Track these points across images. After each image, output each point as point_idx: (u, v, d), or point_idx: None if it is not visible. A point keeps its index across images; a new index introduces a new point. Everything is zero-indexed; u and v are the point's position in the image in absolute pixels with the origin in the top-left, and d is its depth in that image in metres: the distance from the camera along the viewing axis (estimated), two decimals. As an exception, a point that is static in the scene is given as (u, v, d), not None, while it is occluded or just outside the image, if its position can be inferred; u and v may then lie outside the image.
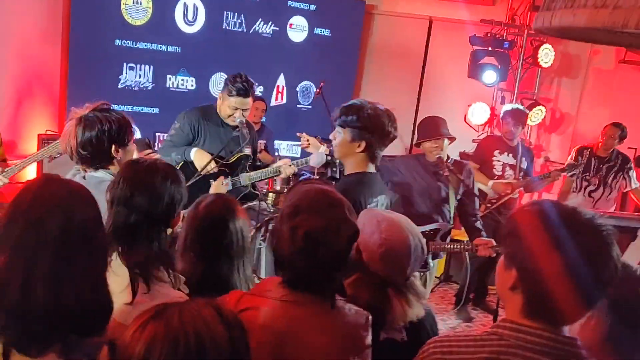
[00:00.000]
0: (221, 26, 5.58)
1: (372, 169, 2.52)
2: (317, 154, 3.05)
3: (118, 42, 5.08)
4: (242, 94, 3.43)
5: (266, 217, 4.19)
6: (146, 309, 1.10)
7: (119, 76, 5.15)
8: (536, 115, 6.18)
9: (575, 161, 5.14)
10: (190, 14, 5.39)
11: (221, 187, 3.27)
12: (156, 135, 5.34)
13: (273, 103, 6.01)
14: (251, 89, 3.49)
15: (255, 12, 5.72)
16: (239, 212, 1.97)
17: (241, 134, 3.51)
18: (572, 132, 6.61)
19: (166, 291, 1.62)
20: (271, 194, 4.36)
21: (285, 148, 6.14)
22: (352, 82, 6.40)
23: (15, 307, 1.16)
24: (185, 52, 5.43)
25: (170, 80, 5.44)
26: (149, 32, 5.20)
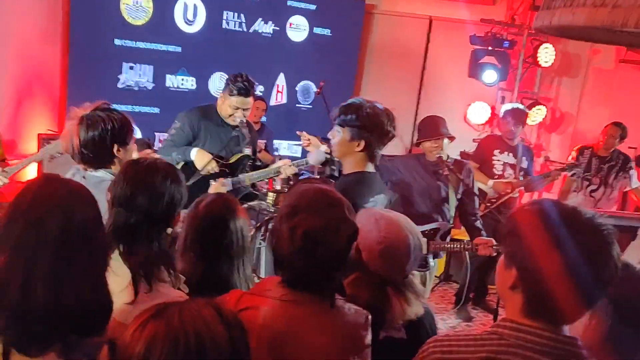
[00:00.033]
0: (221, 26, 5.58)
1: (370, 168, 2.51)
2: (316, 152, 3.05)
3: (118, 42, 5.08)
4: (243, 93, 3.43)
5: (266, 217, 4.20)
6: (146, 308, 1.11)
7: (118, 76, 5.15)
8: (536, 114, 6.17)
9: (576, 161, 5.14)
10: (190, 13, 5.39)
11: (221, 187, 3.27)
12: (156, 135, 5.34)
13: (273, 103, 6.01)
14: (252, 88, 3.49)
15: (255, 11, 5.72)
16: (239, 212, 1.97)
17: (241, 133, 3.52)
18: (572, 132, 6.61)
19: (166, 291, 1.62)
20: (271, 193, 4.36)
21: (285, 148, 6.14)
22: (352, 82, 6.39)
23: (15, 307, 1.16)
24: (185, 51, 5.42)
25: (170, 80, 5.44)
26: (148, 32, 5.20)
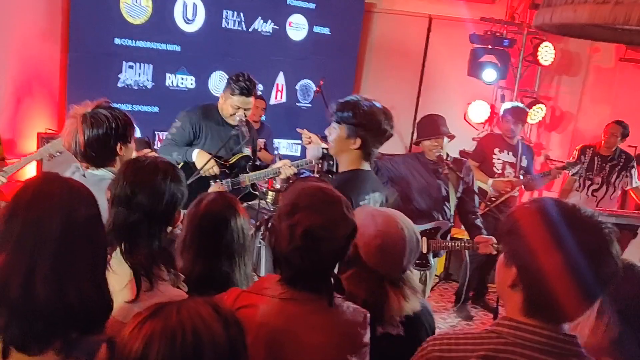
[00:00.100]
0: (221, 25, 5.57)
1: (366, 166, 2.50)
2: (314, 147, 3.05)
3: (117, 41, 5.06)
4: (244, 93, 3.43)
5: (266, 216, 4.19)
6: (145, 307, 1.11)
7: (118, 75, 5.14)
8: (536, 113, 6.17)
9: (578, 160, 5.13)
10: (189, 12, 5.38)
11: (221, 188, 3.27)
12: (156, 134, 5.33)
13: (272, 101, 6.00)
14: (254, 88, 3.48)
15: (254, 10, 5.71)
16: (239, 210, 1.97)
17: (240, 132, 3.51)
18: (572, 130, 6.60)
19: (166, 289, 1.62)
20: (271, 192, 4.36)
21: (284, 146, 6.13)
22: (351, 81, 6.38)
23: (15, 305, 1.16)
24: (184, 50, 5.41)
25: (169, 79, 5.43)
26: (148, 31, 5.19)
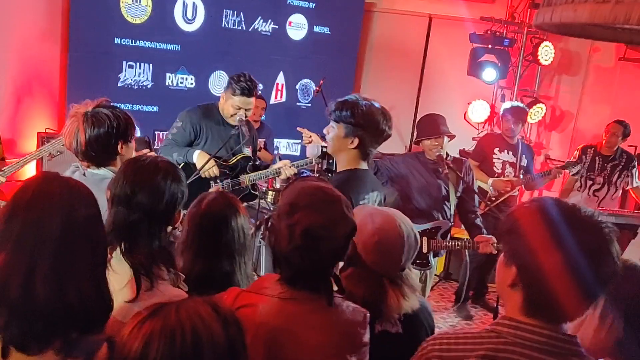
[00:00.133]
0: (220, 24, 5.57)
1: (364, 165, 2.51)
2: (314, 146, 3.05)
3: (117, 41, 5.06)
4: (246, 93, 3.42)
5: (266, 215, 4.19)
6: (145, 306, 1.11)
7: (118, 74, 5.14)
8: (536, 112, 6.17)
9: (579, 160, 5.12)
10: (189, 12, 5.38)
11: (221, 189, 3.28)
12: (156, 133, 5.33)
13: (272, 101, 6.00)
14: (255, 88, 3.48)
15: (254, 10, 5.71)
16: (240, 210, 1.97)
17: (241, 131, 3.51)
18: (572, 130, 6.60)
19: (166, 289, 1.62)
20: (271, 192, 4.36)
21: (284, 146, 6.13)
22: (351, 80, 6.38)
23: (15, 304, 1.16)
24: (184, 50, 5.41)
25: (169, 78, 5.43)
26: (148, 31, 5.18)
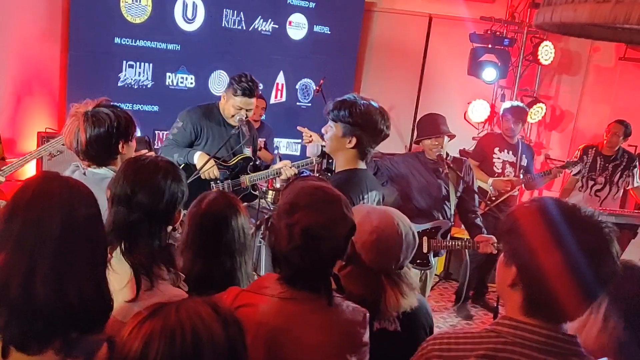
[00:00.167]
0: (221, 24, 5.57)
1: (362, 165, 2.51)
2: (314, 145, 3.05)
3: (117, 40, 5.06)
4: (247, 94, 3.42)
5: (266, 215, 4.19)
6: (145, 306, 1.10)
7: (118, 74, 5.13)
8: (536, 112, 6.17)
9: (580, 160, 5.11)
10: (189, 11, 5.38)
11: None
12: (156, 133, 5.33)
13: (272, 101, 6.00)
14: (256, 89, 3.48)
15: (254, 9, 5.71)
16: (241, 209, 1.98)
17: (241, 131, 3.51)
18: (572, 130, 6.60)
19: (166, 288, 1.62)
20: (271, 191, 4.35)
21: (284, 146, 6.13)
22: (351, 80, 6.38)
23: (15, 304, 1.16)
24: (184, 50, 5.41)
25: (169, 78, 5.43)
26: (148, 30, 5.18)
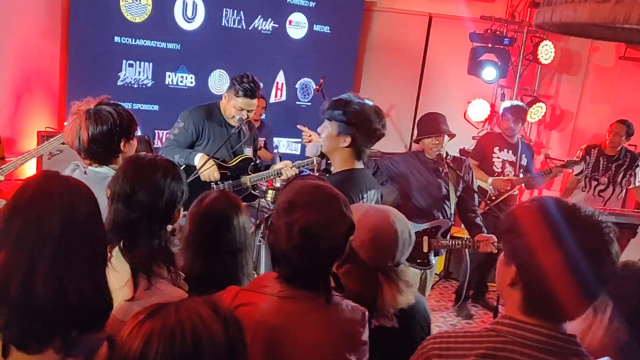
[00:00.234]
0: (220, 23, 5.56)
1: (359, 165, 2.52)
2: (313, 145, 3.06)
3: (117, 39, 5.06)
4: (249, 95, 3.42)
5: (266, 214, 4.19)
6: (145, 306, 1.11)
7: (118, 73, 5.13)
8: (536, 112, 6.16)
9: (583, 160, 5.10)
10: (189, 10, 5.38)
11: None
12: (156, 132, 5.34)
13: (272, 100, 6.00)
14: (258, 90, 3.47)
15: (254, 8, 5.71)
16: (242, 208, 1.98)
17: (241, 130, 3.51)
18: (572, 129, 6.60)
19: (165, 288, 1.62)
20: (271, 191, 4.35)
21: (284, 145, 6.14)
22: (351, 79, 6.38)
23: (16, 303, 1.16)
24: (184, 49, 5.41)
25: (169, 77, 5.43)
26: (148, 29, 5.18)
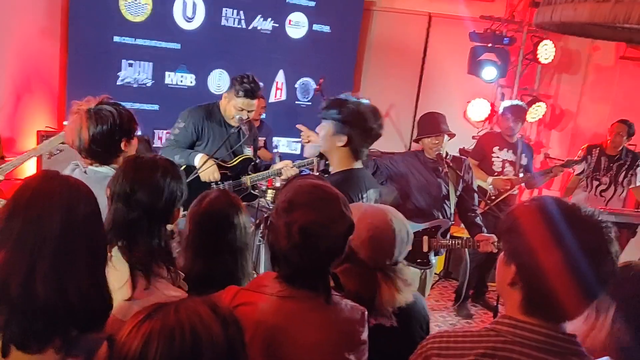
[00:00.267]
0: (220, 23, 5.56)
1: (357, 165, 2.52)
2: (311, 145, 3.06)
3: (117, 39, 5.06)
4: (249, 95, 3.42)
5: (265, 214, 4.19)
6: (144, 305, 1.11)
7: (118, 73, 5.13)
8: (536, 111, 6.16)
9: (584, 160, 5.09)
10: (189, 10, 5.38)
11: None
12: (155, 132, 5.33)
13: (272, 100, 6.00)
14: (258, 90, 3.47)
15: (254, 8, 5.70)
16: (242, 208, 1.98)
17: (241, 130, 3.51)
18: (572, 129, 6.60)
19: (164, 287, 1.62)
20: (270, 190, 4.35)
21: (284, 144, 6.13)
22: (351, 79, 6.37)
23: (16, 303, 1.16)
24: (184, 48, 5.41)
25: (169, 77, 5.43)
26: (148, 29, 5.18)
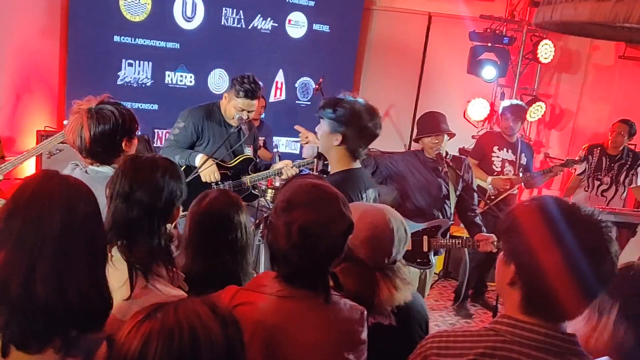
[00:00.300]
0: (220, 22, 5.57)
1: (356, 164, 2.53)
2: (309, 145, 3.06)
3: (117, 39, 5.06)
4: (249, 96, 3.41)
5: (265, 214, 4.19)
6: (143, 305, 1.11)
7: (117, 72, 5.14)
8: (536, 111, 6.16)
9: (585, 159, 5.09)
10: (189, 10, 5.38)
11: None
12: (155, 131, 5.33)
13: (272, 99, 6.00)
14: (259, 90, 3.47)
15: (254, 8, 5.71)
16: (242, 207, 1.98)
17: (241, 130, 3.51)
18: (571, 128, 6.60)
19: (164, 287, 1.62)
20: (270, 190, 4.35)
21: (284, 144, 6.14)
22: (351, 78, 6.38)
23: (16, 303, 1.16)
24: (184, 48, 5.41)
25: (169, 76, 5.43)
26: (147, 29, 5.18)
